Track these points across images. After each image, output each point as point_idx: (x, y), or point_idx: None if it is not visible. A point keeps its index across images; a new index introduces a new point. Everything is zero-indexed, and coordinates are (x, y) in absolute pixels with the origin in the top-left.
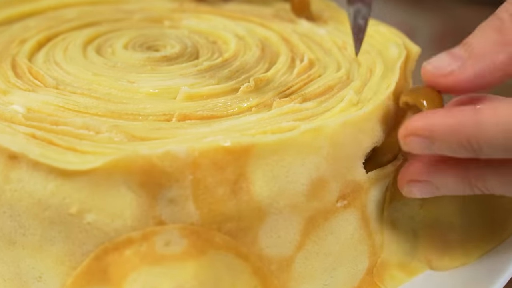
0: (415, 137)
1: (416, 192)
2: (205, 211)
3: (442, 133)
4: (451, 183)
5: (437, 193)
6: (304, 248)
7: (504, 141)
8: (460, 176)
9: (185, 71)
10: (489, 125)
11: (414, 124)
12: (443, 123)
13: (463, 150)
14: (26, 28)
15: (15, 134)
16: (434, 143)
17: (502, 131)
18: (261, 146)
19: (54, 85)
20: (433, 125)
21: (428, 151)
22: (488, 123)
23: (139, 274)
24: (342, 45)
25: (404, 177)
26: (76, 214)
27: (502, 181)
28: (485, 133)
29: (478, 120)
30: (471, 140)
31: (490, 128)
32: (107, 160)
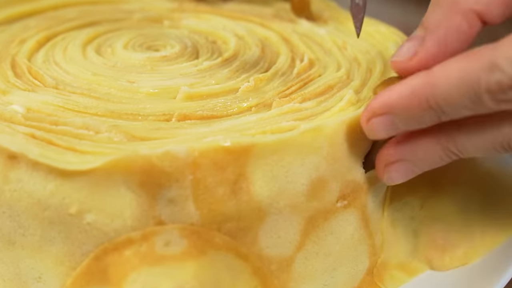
0: (376, 118)
1: (395, 175)
2: (205, 211)
3: (400, 103)
4: (424, 154)
5: (416, 169)
6: (304, 248)
7: (459, 96)
8: (430, 145)
9: (185, 71)
10: (442, 82)
11: (372, 105)
12: (399, 93)
13: (425, 115)
14: (26, 27)
15: (14, 134)
16: (397, 117)
17: (456, 86)
18: (261, 146)
19: (54, 85)
20: (390, 99)
21: (393, 130)
22: (441, 80)
23: (139, 275)
24: (342, 45)
25: (379, 166)
26: (75, 214)
27: (471, 140)
28: (440, 90)
29: (431, 80)
30: (430, 102)
31: (443, 85)
32: (107, 160)
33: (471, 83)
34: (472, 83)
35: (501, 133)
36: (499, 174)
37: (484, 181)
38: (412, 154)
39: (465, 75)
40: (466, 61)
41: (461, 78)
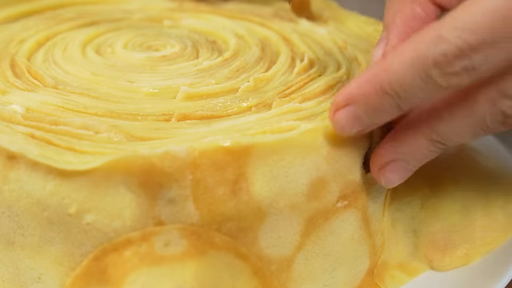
0: (340, 111)
1: (391, 176)
2: (205, 212)
3: (358, 92)
4: (412, 149)
5: (410, 167)
6: (304, 248)
7: (411, 77)
8: (416, 138)
9: (185, 70)
10: (394, 65)
11: (335, 98)
12: (357, 83)
13: (384, 103)
14: (25, 27)
15: (13, 134)
16: (358, 108)
17: (407, 67)
18: (261, 146)
19: (53, 84)
20: (349, 89)
21: (358, 123)
22: (393, 64)
23: (138, 275)
24: (342, 45)
25: (374, 170)
26: (75, 215)
27: (450, 127)
28: (393, 75)
29: (384, 65)
30: (385, 87)
31: (395, 68)
32: (106, 160)
33: (420, 61)
34: (421, 61)
35: (476, 115)
36: (499, 174)
37: (484, 181)
38: (402, 151)
39: (414, 55)
40: (415, 41)
41: (411, 59)
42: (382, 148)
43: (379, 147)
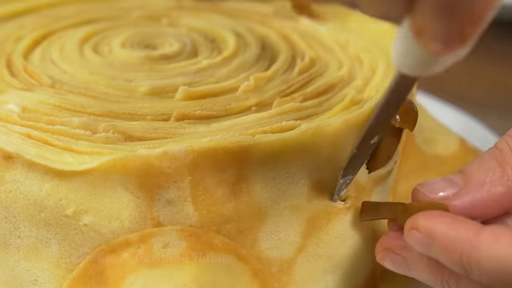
0: (417, 232)
1: (388, 262)
2: (204, 213)
3: (440, 241)
4: (423, 271)
5: (408, 273)
6: (305, 250)
7: (495, 274)
8: (434, 267)
9: (184, 69)
10: (485, 253)
11: (418, 220)
12: (444, 231)
13: (455, 265)
14: (21, 25)
15: (10, 134)
16: (432, 246)
17: (496, 264)
18: (261, 146)
19: (50, 84)
20: (434, 229)
21: (425, 250)
22: (485, 251)
23: (136, 277)
24: (343, 43)
25: (382, 243)
26: (72, 216)
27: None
28: (479, 260)
29: (476, 244)
30: (464, 260)
31: (485, 256)
32: (104, 161)
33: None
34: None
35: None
36: None
37: None
38: (414, 263)
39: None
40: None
41: (505, 261)
42: (401, 239)
43: (401, 235)
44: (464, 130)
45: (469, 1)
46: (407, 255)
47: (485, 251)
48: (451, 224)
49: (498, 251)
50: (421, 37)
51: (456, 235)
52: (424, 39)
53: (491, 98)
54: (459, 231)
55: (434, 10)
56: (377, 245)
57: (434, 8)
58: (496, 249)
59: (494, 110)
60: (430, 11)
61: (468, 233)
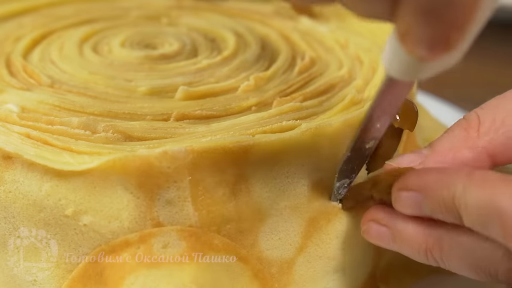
0: (406, 192)
1: (372, 233)
2: (204, 213)
3: (432, 191)
4: (407, 241)
5: (391, 245)
6: (305, 250)
7: (481, 215)
8: (419, 235)
9: (184, 69)
10: (474, 193)
11: (406, 180)
12: (435, 179)
13: (449, 212)
14: (20, 25)
15: (9, 134)
16: (423, 202)
17: (483, 203)
18: (261, 146)
19: (50, 83)
20: (425, 182)
21: (416, 209)
22: (473, 191)
23: (136, 277)
24: (344, 43)
25: (366, 216)
26: (71, 216)
27: (460, 255)
28: (468, 199)
29: (465, 183)
30: (456, 202)
31: (474, 196)
32: (104, 161)
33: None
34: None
35: (491, 259)
36: None
37: None
38: (398, 233)
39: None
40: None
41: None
42: (387, 210)
43: (387, 206)
44: None
45: (452, 5)
46: (392, 224)
47: (475, 193)
48: (441, 171)
49: (485, 192)
50: (405, 42)
51: (448, 179)
52: (408, 44)
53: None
54: (451, 175)
55: (417, 14)
56: (362, 219)
57: (417, 12)
58: (484, 191)
59: None
60: (414, 15)
61: (460, 174)
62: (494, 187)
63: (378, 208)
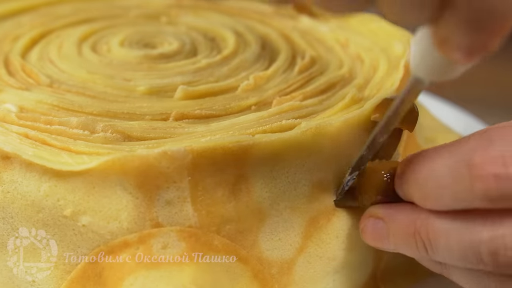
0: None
1: (369, 229)
2: (203, 213)
3: (407, 169)
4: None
5: (385, 240)
6: (305, 251)
7: (447, 177)
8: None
9: (183, 68)
10: (438, 160)
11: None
12: (409, 159)
13: (414, 188)
14: (19, 24)
15: (7, 134)
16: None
17: (446, 165)
18: (261, 146)
19: (48, 83)
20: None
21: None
22: (436, 159)
23: (135, 278)
24: (344, 42)
25: (364, 215)
26: (70, 216)
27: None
28: (429, 169)
29: (425, 158)
30: (418, 176)
31: (438, 163)
32: (103, 161)
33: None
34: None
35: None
36: None
37: None
38: (392, 224)
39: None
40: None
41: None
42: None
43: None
44: (465, 129)
45: (493, 15)
46: (386, 215)
47: (438, 160)
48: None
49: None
50: (444, 46)
51: (415, 159)
52: (446, 49)
53: (492, 96)
54: (418, 156)
55: (462, 23)
56: (361, 218)
57: (460, 21)
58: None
59: (494, 109)
60: (458, 23)
61: (424, 153)
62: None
63: (374, 206)
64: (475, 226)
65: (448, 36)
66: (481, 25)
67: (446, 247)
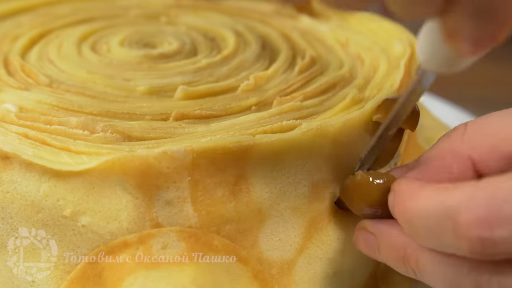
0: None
1: (361, 240)
2: (203, 213)
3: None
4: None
5: (376, 254)
6: (306, 251)
7: (432, 221)
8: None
9: (183, 68)
10: (422, 200)
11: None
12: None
13: (402, 222)
14: (18, 24)
15: (7, 134)
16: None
17: (432, 209)
18: (261, 146)
19: (48, 83)
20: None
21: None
22: (421, 198)
23: (135, 279)
24: (344, 42)
25: (359, 224)
26: (70, 217)
27: (432, 270)
28: (417, 208)
29: (415, 193)
30: (406, 212)
31: (422, 203)
32: (102, 161)
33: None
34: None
35: (464, 284)
36: None
37: None
38: (382, 241)
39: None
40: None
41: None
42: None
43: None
44: None
45: (503, 6)
46: (378, 231)
47: (423, 200)
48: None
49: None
50: (452, 39)
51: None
52: (455, 41)
53: (492, 96)
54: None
55: (471, 15)
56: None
57: (469, 13)
58: (432, 198)
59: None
60: (466, 16)
61: (413, 185)
62: (441, 194)
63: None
64: (462, 269)
65: (456, 28)
66: (489, 16)
67: (433, 281)
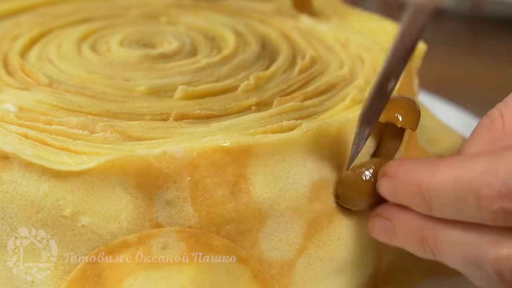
0: (384, 178)
1: (376, 227)
2: (203, 214)
3: (402, 176)
4: (406, 231)
5: (394, 240)
6: (306, 252)
7: (452, 195)
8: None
9: (183, 68)
10: (442, 174)
11: (386, 166)
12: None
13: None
14: (18, 24)
15: (6, 134)
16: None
17: (452, 183)
18: (261, 146)
19: (48, 83)
20: (398, 168)
21: (392, 195)
22: (441, 172)
23: (135, 279)
24: (345, 42)
25: (373, 212)
26: (70, 217)
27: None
28: (436, 182)
29: (433, 168)
30: (422, 187)
31: (442, 177)
32: (102, 161)
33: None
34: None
35: (485, 258)
36: None
37: None
38: (399, 225)
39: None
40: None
41: (460, 177)
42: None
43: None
44: (466, 129)
45: None
46: (393, 217)
47: (442, 173)
48: (413, 160)
49: (454, 170)
50: None
51: (415, 167)
52: None
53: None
54: (419, 163)
55: None
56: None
57: None
58: (451, 169)
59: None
60: None
61: (428, 161)
62: (460, 166)
63: (382, 204)
64: (482, 243)
65: None
66: None
67: (453, 259)
